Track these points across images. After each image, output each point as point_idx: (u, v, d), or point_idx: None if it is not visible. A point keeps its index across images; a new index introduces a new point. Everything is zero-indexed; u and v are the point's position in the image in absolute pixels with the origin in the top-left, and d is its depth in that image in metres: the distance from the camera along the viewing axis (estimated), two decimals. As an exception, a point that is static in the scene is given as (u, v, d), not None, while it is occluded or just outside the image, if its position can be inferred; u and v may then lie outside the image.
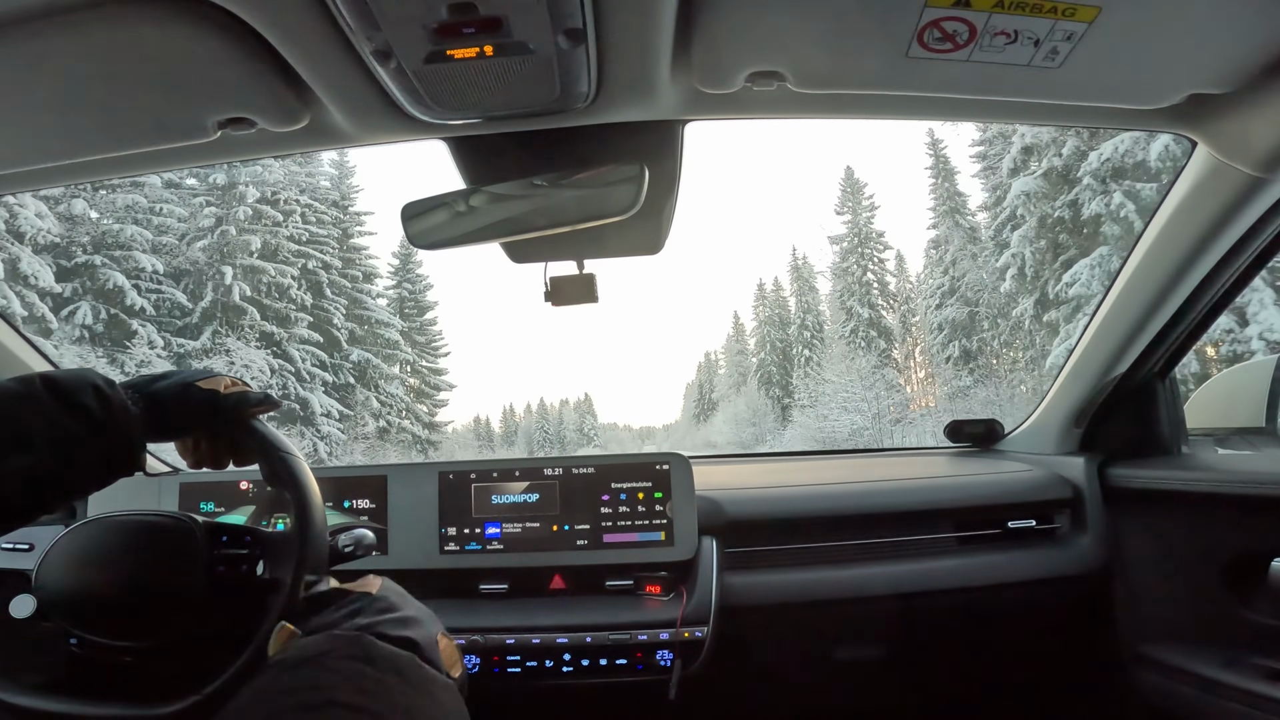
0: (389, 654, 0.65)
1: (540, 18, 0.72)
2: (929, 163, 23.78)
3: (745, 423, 29.04)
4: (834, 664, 1.51)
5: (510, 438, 43.80)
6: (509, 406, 46.25)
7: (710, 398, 39.55)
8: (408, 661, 0.66)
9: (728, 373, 37.21)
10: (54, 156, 1.00)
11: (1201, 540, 1.30)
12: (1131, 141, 14.93)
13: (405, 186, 1.17)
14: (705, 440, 34.27)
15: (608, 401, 77.40)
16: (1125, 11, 0.77)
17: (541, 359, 64.42)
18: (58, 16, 0.71)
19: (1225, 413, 1.43)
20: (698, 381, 41.10)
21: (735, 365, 35.56)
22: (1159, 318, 1.32)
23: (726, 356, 37.71)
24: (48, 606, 0.82)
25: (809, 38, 0.82)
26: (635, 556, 1.40)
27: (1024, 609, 1.50)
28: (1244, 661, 1.22)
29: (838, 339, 25.92)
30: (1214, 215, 1.13)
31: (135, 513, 0.83)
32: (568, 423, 45.91)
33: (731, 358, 36.66)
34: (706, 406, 39.04)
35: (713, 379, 40.11)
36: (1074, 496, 1.50)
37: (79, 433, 0.66)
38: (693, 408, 40.83)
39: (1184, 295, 1.27)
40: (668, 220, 1.25)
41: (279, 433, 0.85)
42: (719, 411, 35.47)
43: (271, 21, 0.73)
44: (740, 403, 31.31)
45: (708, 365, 40.86)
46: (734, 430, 29.72)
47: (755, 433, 27.71)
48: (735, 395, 33.46)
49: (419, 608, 0.77)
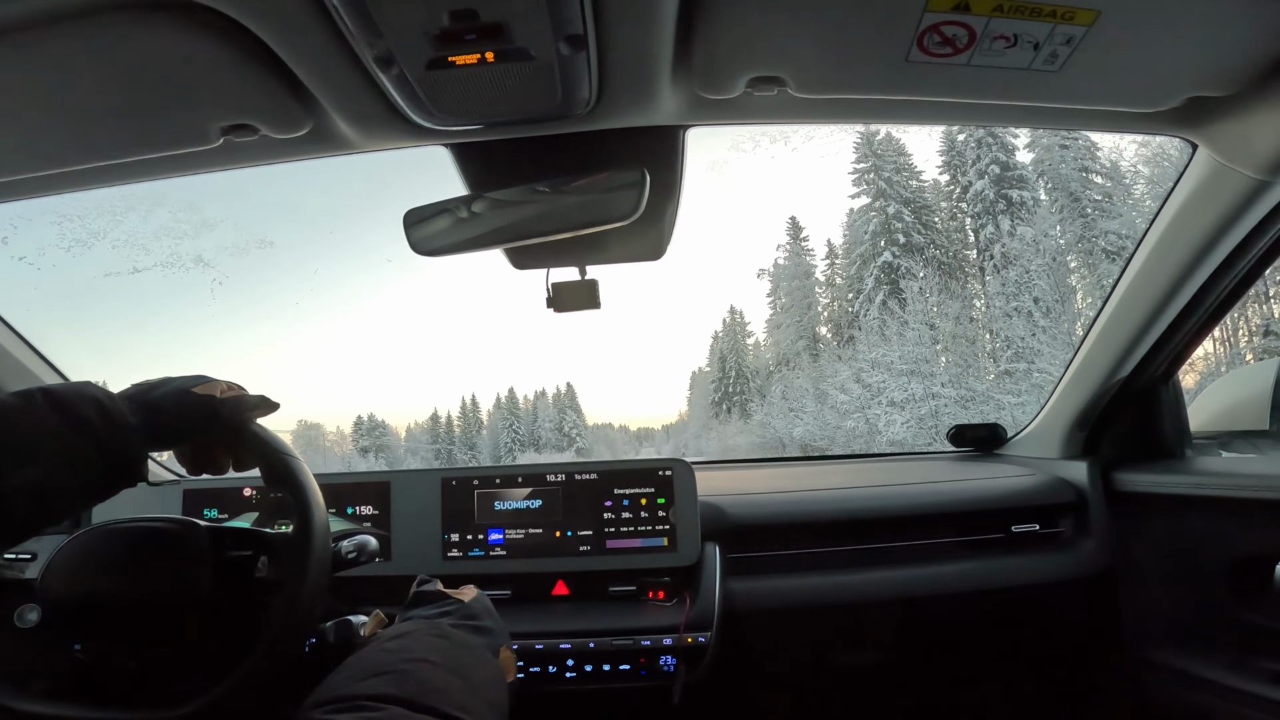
0: (461, 638, 0.79)
1: (541, 24, 0.73)
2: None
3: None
4: (837, 669, 1.51)
5: (470, 439, 37.34)
6: (469, 399, 37.57)
7: (738, 380, 28.70)
8: (475, 644, 0.80)
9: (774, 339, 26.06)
10: (57, 163, 1.01)
11: (1206, 544, 1.30)
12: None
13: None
14: (727, 445, 25.43)
15: (600, 397, 71.13)
16: (1124, 14, 0.77)
17: (520, 347, 56.10)
18: (62, 23, 0.72)
19: (1228, 416, 1.43)
20: (719, 353, 31.69)
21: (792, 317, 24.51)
22: (1161, 321, 1.32)
23: (784, 292, 25.78)
24: (52, 614, 0.82)
25: (809, 43, 0.82)
26: (638, 562, 1.39)
27: (1028, 613, 1.50)
28: (1249, 665, 1.21)
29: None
30: (1215, 218, 1.13)
31: (138, 519, 0.83)
32: (544, 419, 38.84)
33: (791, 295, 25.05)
34: (731, 395, 29.15)
35: (739, 357, 29.24)
36: (1077, 500, 1.50)
37: (81, 446, 0.66)
38: (706, 401, 31.83)
39: (1186, 298, 1.26)
40: (669, 226, 1.25)
41: (278, 435, 0.85)
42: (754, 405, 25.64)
43: (274, 28, 0.74)
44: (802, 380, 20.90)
45: (730, 338, 31.30)
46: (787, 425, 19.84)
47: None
48: (786, 371, 23.21)
49: (497, 621, 0.90)
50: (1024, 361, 15.03)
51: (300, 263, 51.77)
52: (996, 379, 15.79)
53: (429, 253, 1.09)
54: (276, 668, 0.76)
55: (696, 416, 32.49)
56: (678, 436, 36.52)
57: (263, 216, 47.82)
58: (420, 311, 60.80)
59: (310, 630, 0.86)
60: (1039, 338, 14.95)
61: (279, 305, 51.93)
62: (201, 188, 37.36)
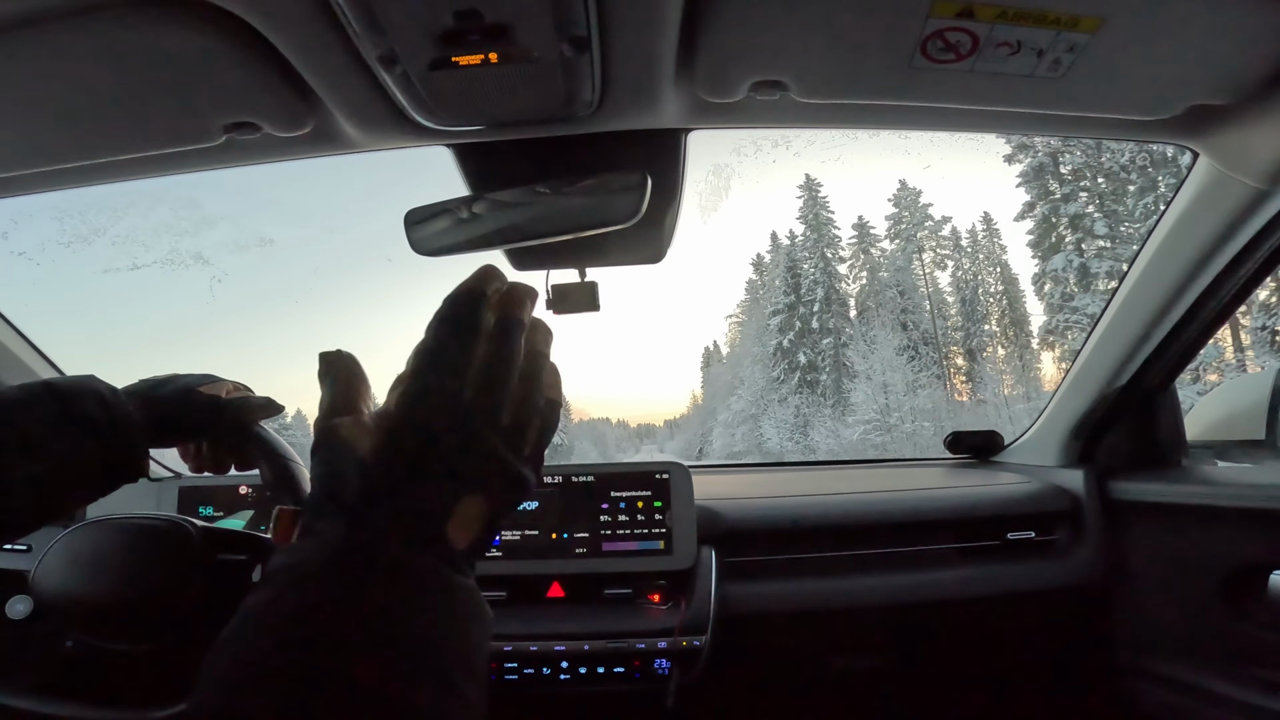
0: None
1: (545, 26, 0.73)
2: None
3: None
4: (831, 674, 1.51)
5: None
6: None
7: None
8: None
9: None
10: (59, 160, 1.00)
11: (1201, 553, 1.30)
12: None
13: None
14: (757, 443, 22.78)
15: (600, 392, 68.65)
16: (1128, 23, 0.77)
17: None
18: (65, 19, 0.72)
19: (1225, 425, 1.43)
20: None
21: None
22: (1160, 330, 1.32)
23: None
24: (44, 608, 0.81)
25: (812, 47, 0.82)
26: (634, 565, 1.39)
27: (1023, 620, 1.50)
28: (1243, 674, 1.21)
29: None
30: (1216, 227, 1.14)
31: (133, 516, 0.83)
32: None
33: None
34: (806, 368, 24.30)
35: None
36: (1073, 508, 1.50)
37: (83, 441, 0.66)
38: (719, 385, 28.29)
39: (1185, 307, 1.27)
40: (670, 229, 1.25)
41: (281, 438, 0.85)
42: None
43: (278, 26, 0.73)
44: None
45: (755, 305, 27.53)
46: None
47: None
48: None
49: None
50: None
51: (300, 260, 51.65)
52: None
53: (429, 253, 1.09)
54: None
55: (709, 408, 29.12)
56: (685, 431, 33.61)
57: (263, 214, 47.80)
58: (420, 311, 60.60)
59: None
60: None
61: (279, 303, 51.80)
62: (202, 185, 37.36)
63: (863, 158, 30.20)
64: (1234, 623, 1.24)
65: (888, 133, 2.08)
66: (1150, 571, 1.41)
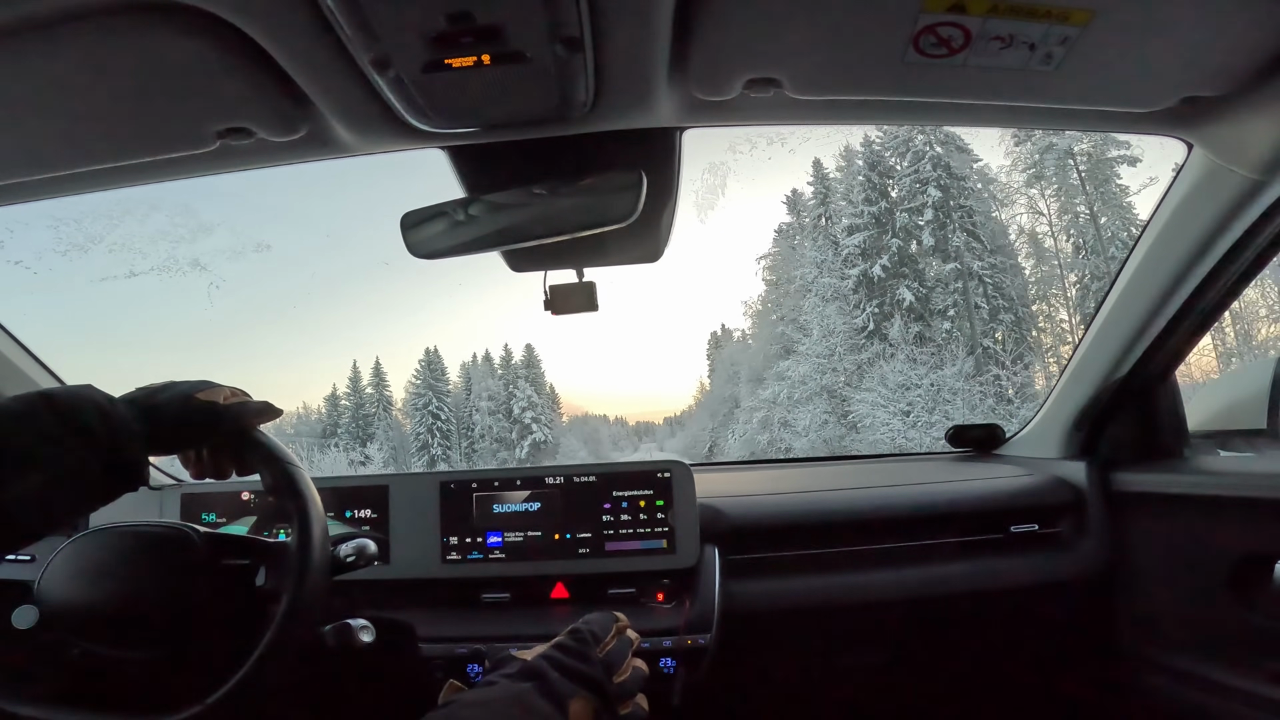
0: (545, 710, 0.71)
1: (538, 26, 0.73)
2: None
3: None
4: (836, 670, 1.51)
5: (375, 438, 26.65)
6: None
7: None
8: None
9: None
10: (53, 167, 1.01)
11: (1205, 543, 1.30)
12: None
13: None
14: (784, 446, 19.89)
15: (598, 390, 66.32)
16: (1120, 15, 0.77)
17: (517, 345, 47.71)
18: (57, 27, 0.72)
19: (1226, 415, 1.43)
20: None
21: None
22: (1158, 321, 1.32)
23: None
24: (50, 617, 0.82)
25: (805, 44, 0.82)
26: (637, 565, 1.39)
27: (1027, 613, 1.50)
28: (1249, 664, 1.21)
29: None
30: (1211, 218, 1.14)
31: (137, 524, 0.83)
32: (482, 409, 27.83)
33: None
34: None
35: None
36: (1076, 500, 1.50)
37: (83, 452, 0.66)
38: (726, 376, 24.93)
39: (1183, 298, 1.27)
40: (667, 228, 1.25)
41: (280, 443, 0.85)
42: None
43: (270, 31, 0.74)
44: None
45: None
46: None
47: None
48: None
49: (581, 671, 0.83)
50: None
51: (298, 265, 51.62)
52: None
53: (426, 255, 1.09)
54: (273, 674, 0.76)
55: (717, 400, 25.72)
56: (688, 428, 30.85)
57: (260, 220, 47.78)
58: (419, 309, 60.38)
59: (308, 636, 0.86)
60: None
61: (277, 308, 51.73)
62: (199, 191, 37.32)
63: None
64: (1240, 613, 1.24)
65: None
66: (1154, 563, 1.41)
